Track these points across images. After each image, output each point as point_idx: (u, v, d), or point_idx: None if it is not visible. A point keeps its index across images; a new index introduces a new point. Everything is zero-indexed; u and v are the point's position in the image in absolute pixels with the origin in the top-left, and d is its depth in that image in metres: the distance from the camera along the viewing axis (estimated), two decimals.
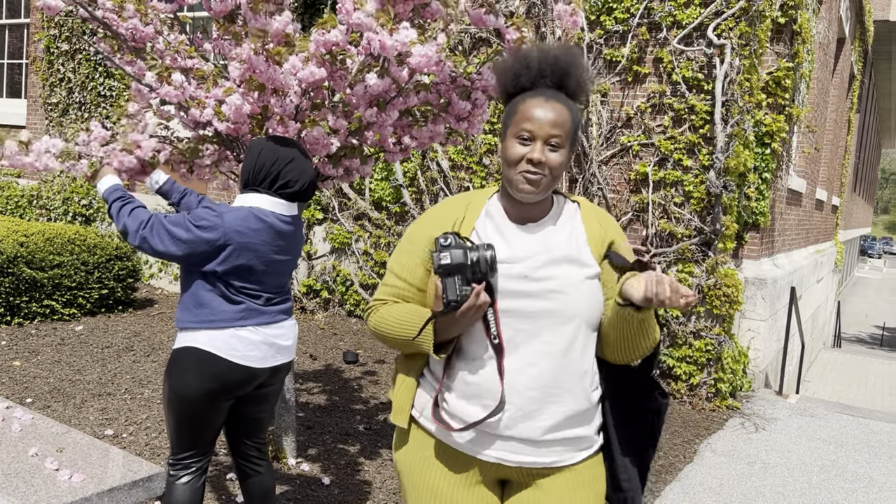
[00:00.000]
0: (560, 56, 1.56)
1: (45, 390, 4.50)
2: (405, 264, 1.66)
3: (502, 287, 1.55)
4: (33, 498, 2.46)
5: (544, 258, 1.58)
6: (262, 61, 2.51)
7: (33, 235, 6.10)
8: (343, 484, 3.60)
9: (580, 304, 1.57)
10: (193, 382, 2.32)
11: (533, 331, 1.55)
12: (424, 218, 1.71)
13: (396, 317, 1.61)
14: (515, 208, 1.62)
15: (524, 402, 1.53)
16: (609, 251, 1.64)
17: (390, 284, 1.68)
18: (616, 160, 6.16)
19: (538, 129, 1.51)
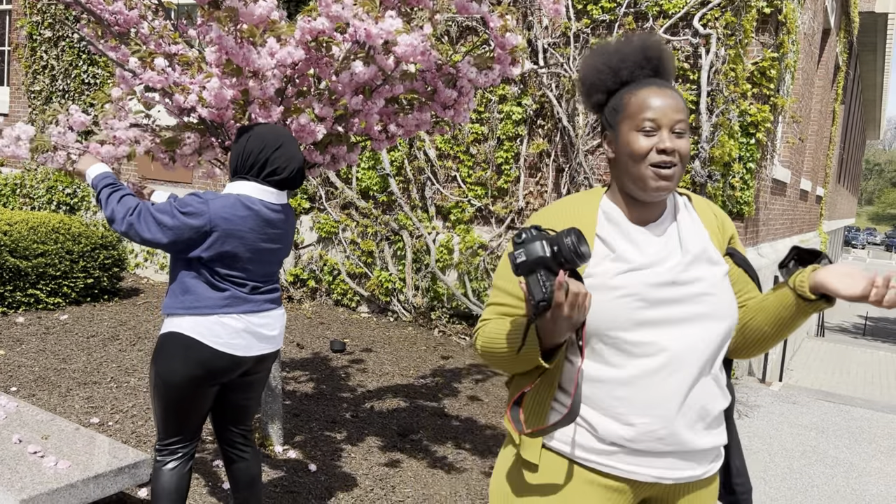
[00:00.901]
0: (649, 43, 1.48)
1: (29, 379, 4.49)
2: (510, 277, 1.52)
3: (648, 297, 1.42)
4: (18, 484, 2.46)
5: (684, 259, 1.46)
6: (231, 41, 2.49)
7: (17, 224, 6.05)
8: (329, 471, 3.62)
9: (729, 304, 1.47)
10: (179, 368, 2.33)
11: (684, 338, 1.43)
12: (535, 222, 1.54)
13: (501, 331, 1.47)
14: (636, 209, 1.50)
15: (680, 414, 1.42)
16: (800, 250, 1.52)
17: (496, 303, 1.55)
18: (602, 149, 6.18)
19: (662, 116, 1.42)
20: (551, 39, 6.29)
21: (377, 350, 5.87)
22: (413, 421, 4.40)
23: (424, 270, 6.76)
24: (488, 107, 6.52)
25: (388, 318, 6.90)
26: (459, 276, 6.62)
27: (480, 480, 3.68)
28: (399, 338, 6.29)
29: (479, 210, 6.70)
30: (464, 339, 6.38)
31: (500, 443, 4.19)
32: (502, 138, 6.52)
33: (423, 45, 2.49)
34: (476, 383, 5.25)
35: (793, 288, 1.46)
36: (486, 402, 4.86)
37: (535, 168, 6.48)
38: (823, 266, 1.44)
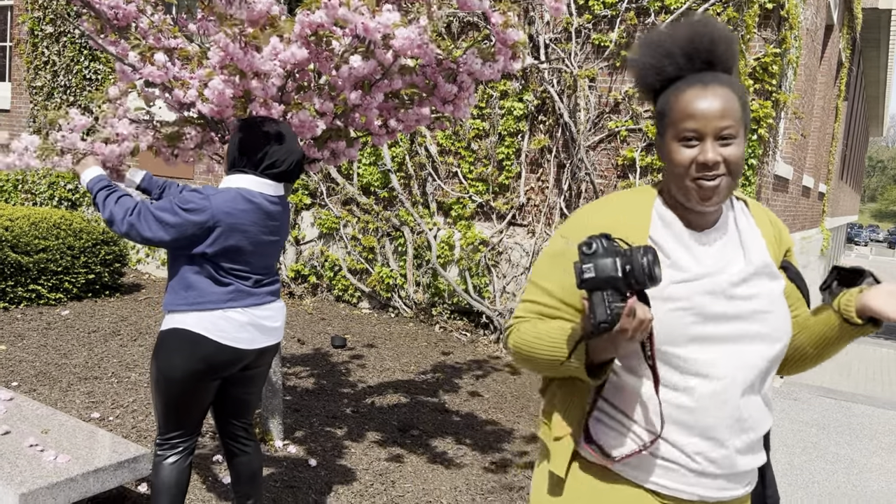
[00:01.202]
0: (698, 30, 1.32)
1: (30, 374, 4.49)
2: (554, 278, 1.41)
3: (704, 311, 1.32)
4: (18, 478, 2.47)
5: (743, 273, 1.36)
6: (237, 49, 2.49)
7: (18, 220, 6.05)
8: (330, 466, 3.62)
9: (785, 324, 1.37)
10: (180, 363, 2.33)
11: (739, 358, 1.34)
12: (578, 221, 1.43)
13: (542, 335, 1.36)
14: (689, 213, 1.38)
15: (732, 437, 1.34)
16: (841, 270, 1.44)
17: (534, 300, 1.44)
18: (604, 145, 6.18)
19: (704, 124, 1.28)
20: (553, 35, 6.28)
21: (378, 346, 5.87)
22: (413, 416, 4.41)
23: (425, 266, 6.76)
24: (489, 102, 6.51)
25: (389, 314, 6.90)
26: (460, 273, 6.62)
27: (480, 476, 3.68)
28: (400, 334, 6.29)
29: (480, 206, 6.69)
30: (465, 335, 6.38)
31: (500, 438, 4.19)
32: (503, 134, 6.51)
33: (421, 38, 2.48)
34: (476, 379, 5.25)
35: (838, 311, 1.38)
36: (486, 398, 4.86)
37: (536, 164, 6.47)
38: (869, 287, 1.36)
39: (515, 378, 5.36)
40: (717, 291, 1.33)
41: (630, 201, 1.41)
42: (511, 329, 1.46)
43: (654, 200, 1.40)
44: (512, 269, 6.49)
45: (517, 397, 4.95)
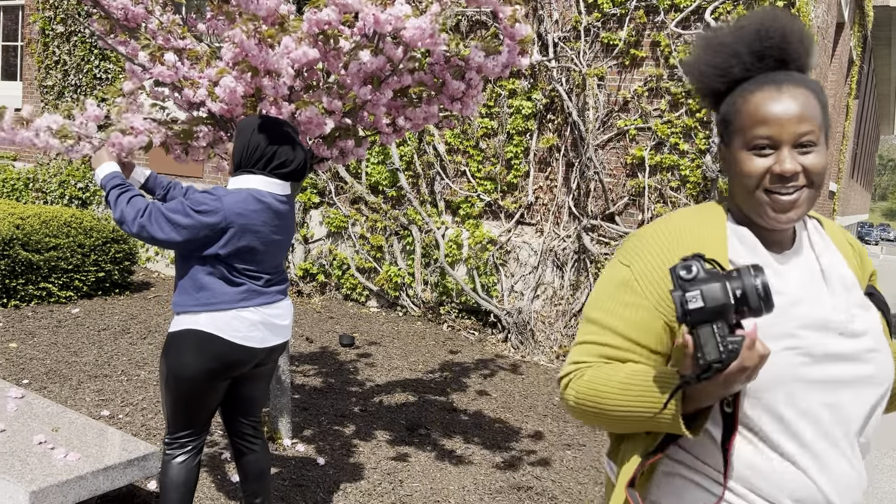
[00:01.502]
0: (767, 24, 1.17)
1: (41, 372, 4.52)
2: (620, 313, 1.19)
3: (813, 350, 1.13)
4: (29, 476, 2.48)
5: (843, 303, 1.17)
6: (253, 45, 2.50)
7: (29, 218, 6.09)
8: (338, 464, 3.63)
9: (890, 362, 1.19)
10: (192, 363, 2.34)
11: (852, 407, 1.15)
12: (641, 245, 1.22)
13: (618, 383, 1.14)
14: (762, 232, 1.21)
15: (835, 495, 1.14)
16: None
17: (597, 341, 1.21)
18: (612, 144, 6.16)
19: (780, 131, 1.12)
20: (561, 33, 6.26)
21: (386, 344, 5.88)
22: (421, 415, 4.41)
23: (433, 265, 6.76)
24: (498, 101, 6.50)
25: (396, 313, 6.90)
26: (468, 272, 6.61)
27: (489, 475, 3.68)
28: (408, 332, 6.29)
29: (488, 205, 6.69)
30: (472, 334, 6.37)
31: (508, 437, 4.19)
32: (512, 133, 6.50)
33: (432, 28, 2.48)
34: (484, 378, 5.25)
35: None
36: (495, 398, 4.86)
37: (544, 163, 6.46)
38: None
39: (523, 377, 5.36)
40: (827, 326, 1.13)
41: (697, 219, 1.22)
42: (569, 378, 1.22)
43: (725, 218, 1.23)
44: (520, 268, 6.48)
45: (525, 396, 4.94)
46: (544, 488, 3.60)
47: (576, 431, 4.40)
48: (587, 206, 6.22)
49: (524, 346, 5.96)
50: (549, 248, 6.33)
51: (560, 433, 4.35)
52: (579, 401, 1.19)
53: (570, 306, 6.20)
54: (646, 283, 1.18)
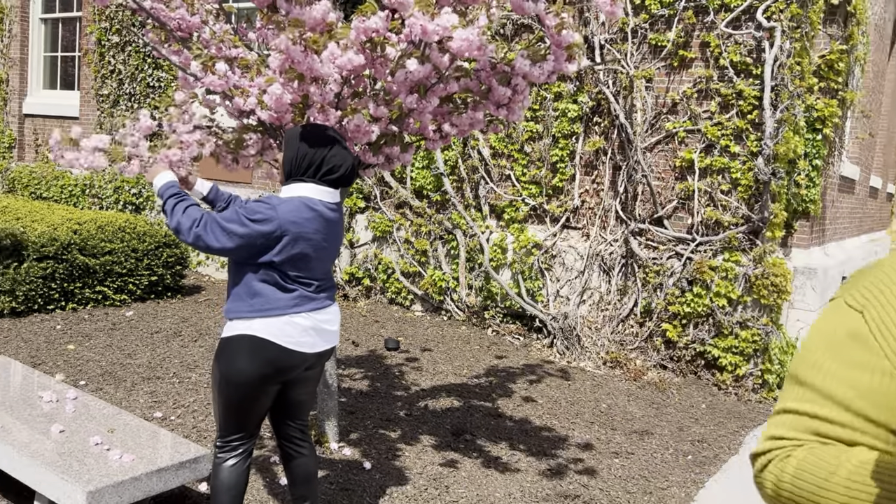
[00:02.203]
0: None
1: (97, 373, 4.65)
2: (850, 377, 0.90)
3: None
4: (86, 476, 2.55)
5: None
6: (299, 51, 2.53)
7: (86, 223, 6.28)
8: (384, 469, 3.64)
9: None
10: (245, 367, 2.39)
11: None
12: (884, 280, 0.92)
13: (846, 480, 0.85)
14: None
15: None
16: None
17: (815, 415, 0.91)
18: (661, 147, 6.06)
19: None
20: (608, 35, 6.19)
21: (431, 349, 5.88)
22: (467, 420, 4.40)
23: (478, 270, 6.74)
24: (543, 104, 6.46)
25: (441, 317, 6.91)
26: (513, 276, 6.58)
27: (535, 482, 3.65)
28: (452, 337, 6.29)
29: (533, 209, 6.64)
30: (517, 339, 6.34)
31: (555, 445, 4.15)
32: (557, 136, 6.45)
33: (480, 40, 2.47)
34: (530, 384, 5.21)
35: None
36: (540, 404, 4.82)
37: (591, 166, 6.39)
38: None
39: (569, 384, 5.30)
40: None
41: None
42: (769, 458, 0.94)
43: None
44: (566, 272, 6.42)
45: (571, 403, 4.89)
46: (592, 497, 3.56)
47: (624, 440, 4.33)
48: (635, 210, 6.13)
49: (570, 352, 5.90)
50: (595, 253, 6.26)
51: (608, 441, 4.29)
52: (782, 492, 0.91)
53: (617, 311, 6.11)
54: (887, 337, 0.89)
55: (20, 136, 10.18)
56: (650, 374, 5.58)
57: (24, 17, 10.00)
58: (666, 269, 5.87)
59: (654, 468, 3.97)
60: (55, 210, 6.83)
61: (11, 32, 10.03)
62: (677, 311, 5.77)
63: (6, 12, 10.04)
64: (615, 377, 5.55)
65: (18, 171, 9.84)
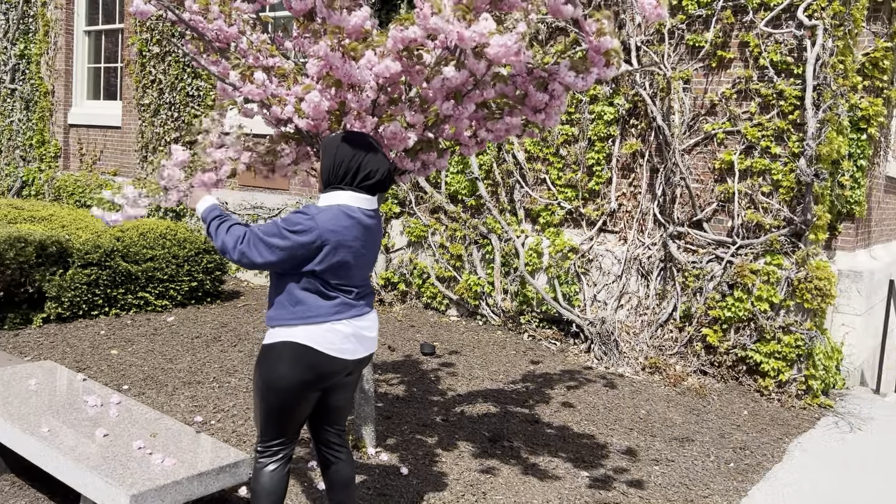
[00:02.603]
0: None
1: (139, 378, 4.74)
2: None
3: None
4: (129, 480, 2.60)
5: None
6: (338, 57, 2.55)
7: (128, 231, 6.41)
8: (421, 474, 3.64)
9: None
10: (287, 374, 2.42)
11: None
12: None
13: None
14: None
15: None
16: None
17: None
18: (699, 149, 5.97)
19: None
20: (644, 37, 6.12)
21: (466, 354, 5.87)
22: (504, 426, 4.37)
23: (513, 274, 6.71)
24: (578, 107, 6.42)
25: (477, 322, 6.89)
26: (549, 280, 6.54)
27: (574, 490, 3.61)
28: (488, 342, 6.27)
29: (569, 213, 6.60)
30: (554, 344, 6.29)
31: (594, 452, 4.10)
32: (593, 139, 6.40)
33: (517, 46, 2.46)
34: (568, 390, 5.17)
35: None
36: (579, 410, 4.77)
37: (627, 169, 6.32)
38: None
39: (608, 390, 5.24)
40: None
41: None
42: None
43: None
44: (603, 276, 6.36)
45: (610, 409, 4.83)
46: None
47: (664, 447, 4.26)
48: (673, 213, 6.04)
49: (608, 357, 5.84)
50: (633, 257, 6.19)
51: (647, 448, 4.22)
52: None
53: (655, 316, 6.03)
54: None
55: (65, 146, 10.45)
56: (690, 379, 5.49)
57: (68, 29, 10.27)
58: (706, 273, 5.78)
59: (695, 476, 3.90)
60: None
61: (57, 45, 10.31)
62: (718, 315, 5.67)
63: (52, 25, 10.33)
64: (654, 383, 5.47)
65: (64, 179, 10.10)
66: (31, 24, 10.61)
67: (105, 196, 2.82)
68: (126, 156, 9.75)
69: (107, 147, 10.03)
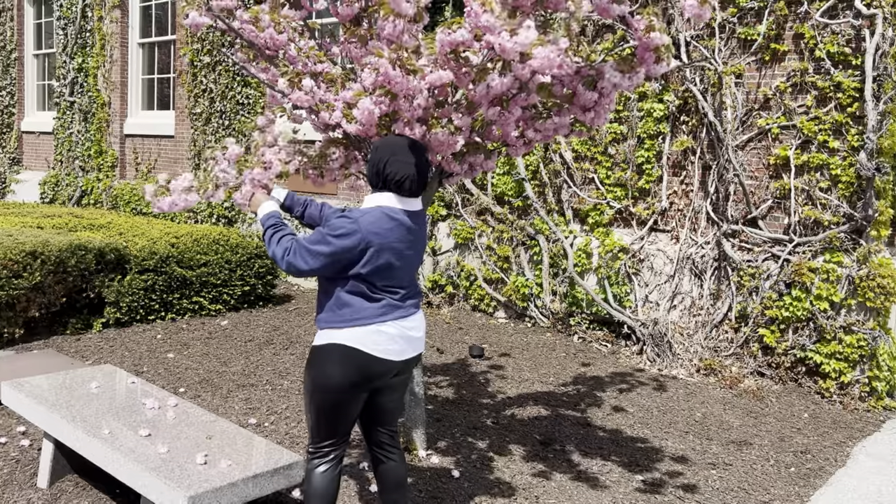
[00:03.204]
0: None
1: (195, 381, 4.84)
2: None
3: None
4: (187, 481, 2.65)
5: None
6: (398, 74, 2.57)
7: (183, 237, 6.56)
8: (472, 477, 3.62)
9: None
10: (335, 375, 2.46)
11: None
12: None
13: None
14: None
15: None
16: None
17: None
18: (753, 144, 5.81)
19: None
20: (694, 32, 6.00)
21: (515, 356, 5.83)
22: (555, 430, 4.33)
23: (562, 275, 6.65)
24: (627, 105, 6.32)
25: (525, 324, 6.85)
26: (599, 281, 6.45)
27: (628, 494, 3.55)
28: (537, 344, 6.22)
29: (618, 212, 6.50)
30: (605, 346, 6.21)
31: (648, 456, 4.03)
32: (643, 137, 6.30)
33: (560, 59, 2.44)
34: (620, 393, 5.09)
35: None
36: (631, 413, 4.69)
37: (678, 166, 6.20)
38: None
39: (661, 392, 5.15)
40: None
41: None
42: None
43: None
44: (655, 277, 6.24)
45: (664, 412, 4.74)
46: None
47: (721, 450, 4.16)
48: (727, 211, 5.90)
49: (661, 359, 5.73)
50: (685, 256, 6.06)
51: (703, 451, 4.13)
52: None
53: (710, 317, 5.89)
54: None
55: (122, 156, 10.76)
56: (747, 381, 5.35)
57: (123, 42, 10.59)
58: (762, 272, 5.62)
59: (754, 480, 3.80)
60: (154, 225, 7.18)
61: (112, 58, 10.63)
62: (775, 315, 5.51)
63: (108, 39, 10.66)
64: (709, 385, 5.35)
65: (120, 188, 10.41)
66: (87, 38, 10.97)
67: (159, 179, 2.88)
68: (179, 164, 9.99)
69: (161, 156, 10.30)
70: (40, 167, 12.25)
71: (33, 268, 5.37)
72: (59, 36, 11.36)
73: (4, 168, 12.57)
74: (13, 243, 5.40)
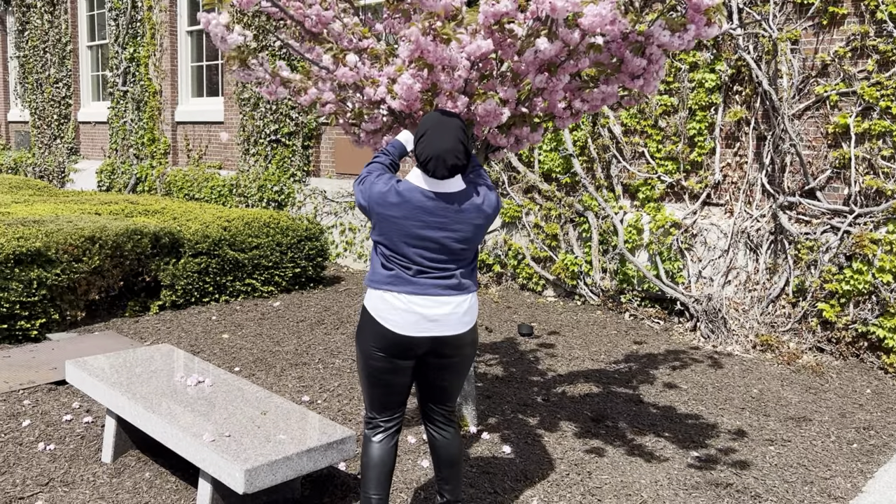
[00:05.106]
0: None
1: (249, 360, 4.94)
2: None
3: None
4: (243, 455, 2.70)
5: None
6: (429, 42, 2.54)
7: (234, 220, 6.68)
8: (523, 453, 3.62)
9: None
10: (362, 337, 2.55)
11: None
12: None
13: None
14: None
15: None
16: None
17: None
18: (810, 113, 5.61)
19: None
20: None
21: (565, 334, 5.79)
22: (607, 406, 4.28)
23: (612, 252, 6.55)
24: (677, 76, 6.16)
25: (574, 302, 6.78)
26: (650, 257, 6.34)
27: (683, 470, 3.49)
28: (587, 322, 6.16)
29: (670, 186, 6.36)
30: (657, 323, 6.11)
31: (702, 432, 3.96)
32: (694, 108, 6.13)
33: (612, 15, 2.37)
34: (673, 370, 5.01)
35: None
36: (685, 390, 4.61)
37: (732, 138, 6.03)
38: None
39: (715, 369, 5.04)
40: None
41: None
42: None
43: None
44: (708, 252, 6.10)
45: (719, 389, 4.64)
46: (746, 485, 3.36)
47: (779, 426, 4.06)
48: (783, 182, 5.72)
49: (715, 336, 5.61)
50: (740, 230, 5.91)
51: (761, 427, 4.04)
52: None
53: (766, 292, 5.74)
54: None
55: (173, 143, 10.99)
56: (805, 357, 5.20)
57: (172, 31, 10.77)
58: (820, 245, 5.44)
59: (814, 456, 3.70)
60: (206, 209, 7.32)
61: (162, 46, 10.83)
62: (834, 289, 5.33)
63: (157, 28, 10.86)
64: (766, 361, 5.22)
65: (173, 174, 10.65)
66: (138, 27, 11.20)
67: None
68: (229, 149, 10.16)
69: (211, 142, 10.48)
70: (97, 156, 12.61)
71: (92, 252, 5.54)
72: (111, 27, 11.63)
73: (63, 158, 12.98)
74: (73, 229, 5.57)
